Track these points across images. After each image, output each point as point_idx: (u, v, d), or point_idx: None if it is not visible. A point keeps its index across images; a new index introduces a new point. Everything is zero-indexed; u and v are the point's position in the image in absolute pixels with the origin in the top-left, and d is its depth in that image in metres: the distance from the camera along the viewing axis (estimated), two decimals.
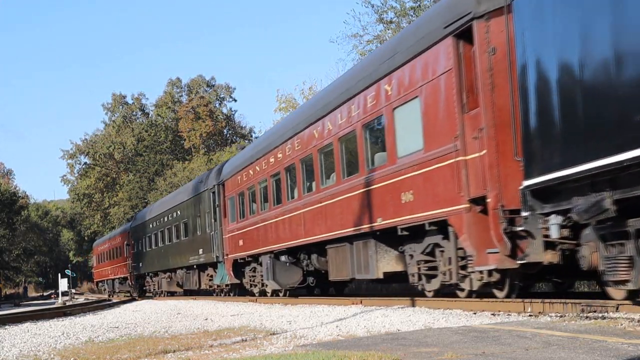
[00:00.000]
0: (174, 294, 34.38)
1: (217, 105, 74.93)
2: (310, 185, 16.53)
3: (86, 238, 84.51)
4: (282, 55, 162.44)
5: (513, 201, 9.41)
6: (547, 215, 8.67)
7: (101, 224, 75.19)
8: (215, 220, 24.78)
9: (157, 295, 36.66)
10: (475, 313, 10.01)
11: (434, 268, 11.80)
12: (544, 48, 8.40)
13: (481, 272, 10.25)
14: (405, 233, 12.17)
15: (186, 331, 11.32)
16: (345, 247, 14.69)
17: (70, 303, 34.73)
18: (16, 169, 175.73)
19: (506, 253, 9.52)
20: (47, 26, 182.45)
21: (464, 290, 11.18)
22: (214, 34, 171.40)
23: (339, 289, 20.58)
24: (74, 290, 64.83)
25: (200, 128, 68.29)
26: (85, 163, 77.35)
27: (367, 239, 13.57)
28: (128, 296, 42.64)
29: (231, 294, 25.95)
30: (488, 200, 9.83)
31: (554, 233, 8.50)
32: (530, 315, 8.97)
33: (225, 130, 74.03)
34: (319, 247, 16.61)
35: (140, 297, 38.67)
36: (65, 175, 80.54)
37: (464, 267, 10.74)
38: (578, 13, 7.75)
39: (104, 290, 55.04)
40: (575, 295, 11.27)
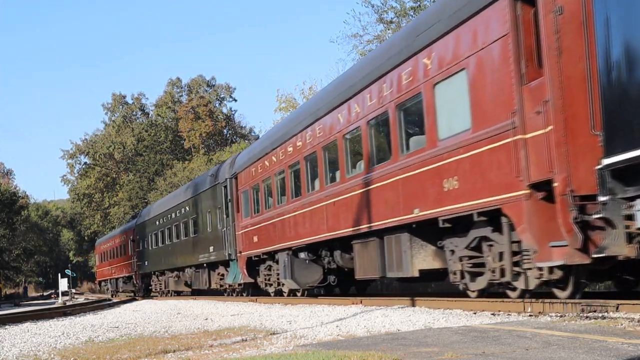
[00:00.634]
0: (180, 294, 33.26)
1: (217, 105, 75.11)
2: (334, 175, 15.28)
3: (86, 238, 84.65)
4: (282, 55, 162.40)
5: (585, 185, 8.28)
6: (632, 199, 7.41)
7: (101, 224, 75.42)
8: (228, 216, 23.45)
9: (163, 295, 35.48)
10: (475, 313, 10.00)
11: (479, 265, 10.63)
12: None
13: (540, 268, 9.07)
14: (446, 225, 10.93)
15: (186, 331, 11.36)
16: (374, 242, 13.44)
17: (70, 303, 34.73)
18: (16, 169, 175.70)
19: (576, 246, 8.31)
20: (47, 26, 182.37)
21: (515, 289, 10.06)
22: (214, 34, 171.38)
23: (361, 288, 19.26)
24: (74, 290, 64.72)
25: (200, 128, 68.53)
26: (85, 163, 77.78)
27: (400, 233, 12.32)
28: (130, 296, 42.42)
29: (244, 294, 24.42)
30: (555, 185, 8.53)
31: None
32: (530, 315, 8.95)
33: (225, 130, 74.25)
34: (343, 243, 15.40)
35: (145, 297, 38.37)
36: (65, 175, 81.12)
37: (517, 264, 9.57)
38: None
39: (107, 289, 54.20)
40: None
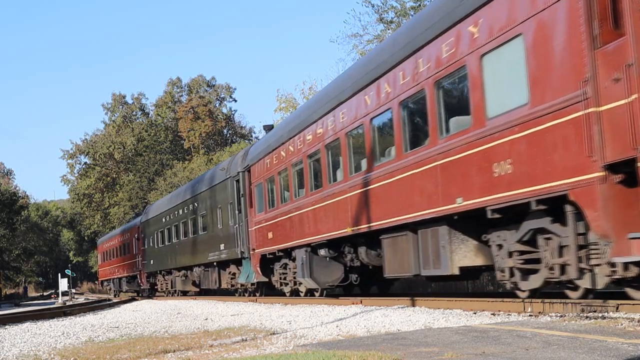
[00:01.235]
0: (186, 294, 32.24)
1: (217, 105, 75.05)
2: (359, 164, 13.95)
3: (86, 238, 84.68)
4: (282, 55, 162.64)
5: None
6: None
7: (101, 224, 75.34)
8: (240, 212, 22.13)
9: (169, 295, 34.58)
10: (475, 313, 9.95)
11: (533, 261, 9.54)
12: None
13: (613, 265, 8.03)
14: (496, 216, 9.75)
15: (186, 331, 11.31)
16: (407, 236, 12.28)
17: (70, 303, 34.70)
18: (16, 169, 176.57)
19: None
20: (47, 26, 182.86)
21: (577, 289, 9.02)
22: (214, 34, 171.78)
23: (384, 288, 17.86)
24: (74, 290, 64.81)
25: (200, 128, 68.43)
26: (85, 163, 77.53)
27: (438, 226, 11.13)
28: (131, 296, 42.15)
29: (257, 293, 22.84)
30: (639, 165, 7.36)
31: None
32: (530, 315, 8.86)
33: (225, 131, 74.16)
34: (369, 238, 14.24)
35: (146, 297, 38.13)
36: (65, 175, 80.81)
37: (580, 259, 8.59)
38: None
39: (110, 289, 53.26)
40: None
